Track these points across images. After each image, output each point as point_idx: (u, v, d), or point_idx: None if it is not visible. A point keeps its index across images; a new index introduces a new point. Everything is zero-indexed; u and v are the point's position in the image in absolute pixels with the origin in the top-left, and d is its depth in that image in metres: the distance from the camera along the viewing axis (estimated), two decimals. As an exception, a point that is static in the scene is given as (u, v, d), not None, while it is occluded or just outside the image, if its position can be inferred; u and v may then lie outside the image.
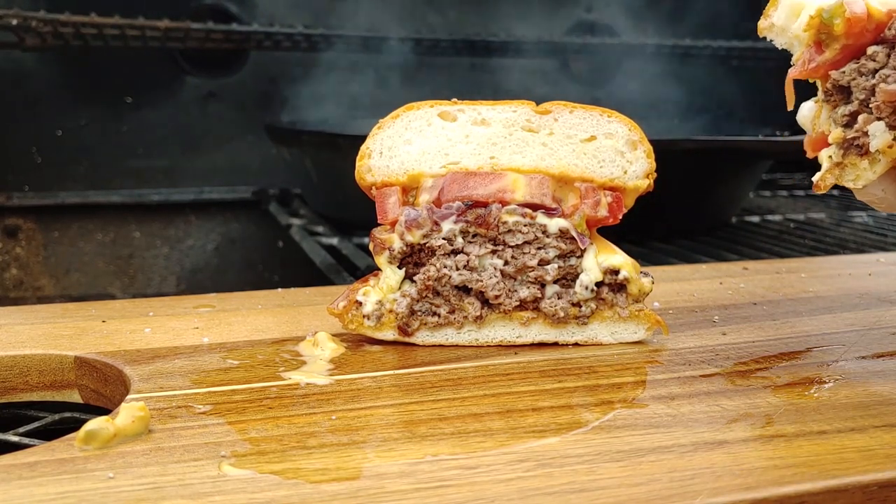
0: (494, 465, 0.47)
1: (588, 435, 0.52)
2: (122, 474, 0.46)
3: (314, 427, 0.53)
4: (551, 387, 0.60)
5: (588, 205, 0.68)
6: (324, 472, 0.46)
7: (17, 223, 1.72)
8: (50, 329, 0.72)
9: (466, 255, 0.67)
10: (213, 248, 1.86)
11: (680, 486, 0.45)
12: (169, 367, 0.63)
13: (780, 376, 0.62)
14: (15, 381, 0.66)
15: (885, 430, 0.52)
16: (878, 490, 0.46)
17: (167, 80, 1.78)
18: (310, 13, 1.81)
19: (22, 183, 1.71)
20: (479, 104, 0.69)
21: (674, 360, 0.66)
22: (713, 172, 1.35)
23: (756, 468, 0.47)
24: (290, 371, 0.63)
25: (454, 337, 0.69)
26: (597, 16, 2.06)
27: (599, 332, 0.70)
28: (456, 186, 0.68)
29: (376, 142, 0.69)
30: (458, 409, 0.56)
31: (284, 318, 0.76)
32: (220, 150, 1.83)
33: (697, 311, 0.80)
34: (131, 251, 1.80)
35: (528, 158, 0.68)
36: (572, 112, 0.69)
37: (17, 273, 1.73)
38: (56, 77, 1.70)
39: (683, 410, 0.56)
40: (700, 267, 1.01)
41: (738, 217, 1.59)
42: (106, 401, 0.65)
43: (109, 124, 1.75)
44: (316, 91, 1.82)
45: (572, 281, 0.69)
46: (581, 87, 2.10)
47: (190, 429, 0.52)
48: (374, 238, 0.69)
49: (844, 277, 0.94)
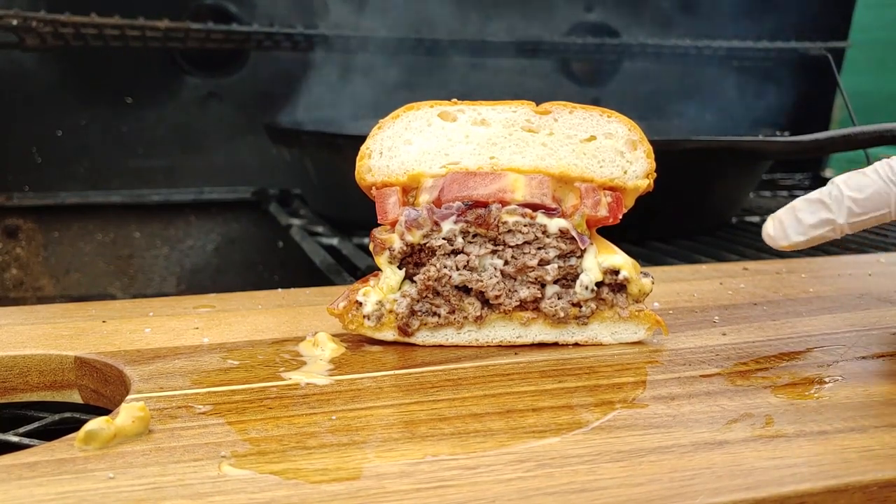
0: (494, 465, 0.47)
1: (588, 435, 0.52)
2: (122, 474, 0.46)
3: (314, 427, 0.53)
4: (551, 387, 0.60)
5: (588, 205, 0.68)
6: (324, 473, 0.46)
7: (17, 223, 1.72)
8: (50, 329, 0.72)
9: (466, 256, 0.67)
10: (213, 248, 1.86)
11: (680, 486, 0.45)
12: (169, 368, 0.63)
13: (780, 376, 0.63)
14: (15, 382, 0.66)
15: (885, 430, 0.52)
16: (878, 490, 0.46)
17: (167, 80, 1.78)
18: (310, 13, 1.81)
19: (22, 183, 1.71)
20: (479, 104, 0.69)
21: (674, 360, 0.66)
22: (713, 172, 1.35)
23: (756, 468, 0.47)
24: (290, 371, 0.63)
25: (454, 337, 0.69)
26: (597, 16, 2.06)
27: (599, 333, 0.70)
28: (456, 186, 0.68)
29: (376, 142, 0.69)
30: (458, 409, 0.56)
31: (284, 318, 0.76)
32: (220, 150, 1.83)
33: (697, 312, 0.80)
34: (131, 251, 1.80)
35: (528, 158, 0.68)
36: (572, 112, 0.69)
37: (17, 273, 1.73)
38: (56, 77, 1.70)
39: (683, 410, 0.56)
40: (700, 267, 1.01)
41: (739, 217, 1.59)
42: (106, 401, 0.65)
43: (109, 124, 1.75)
44: (316, 91, 1.82)
45: (572, 281, 0.69)
46: (581, 87, 2.10)
47: (190, 429, 0.52)
48: (374, 238, 0.69)
49: (844, 277, 0.94)
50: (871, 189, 0.64)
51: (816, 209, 0.66)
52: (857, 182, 0.64)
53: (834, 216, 0.65)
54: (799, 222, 0.66)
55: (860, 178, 0.65)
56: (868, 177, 0.64)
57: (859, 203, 0.64)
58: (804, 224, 0.66)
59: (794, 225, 0.66)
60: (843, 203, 0.64)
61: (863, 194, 0.64)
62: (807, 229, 0.66)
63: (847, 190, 0.64)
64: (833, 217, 0.65)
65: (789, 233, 0.67)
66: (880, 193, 0.64)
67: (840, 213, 0.65)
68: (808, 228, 0.66)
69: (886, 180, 0.63)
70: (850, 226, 0.65)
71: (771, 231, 0.68)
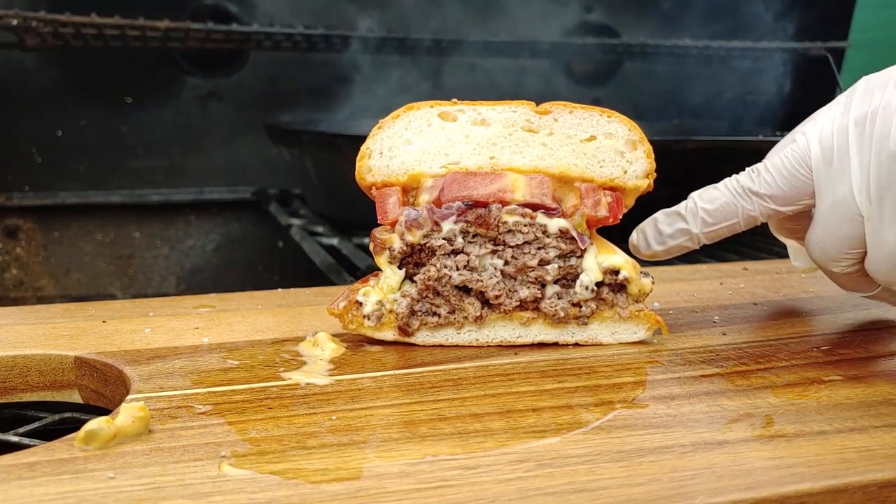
0: (495, 465, 0.47)
1: (588, 435, 0.52)
2: (122, 474, 0.46)
3: (314, 427, 0.53)
4: (551, 387, 0.60)
5: (588, 205, 0.68)
6: (324, 473, 0.46)
7: (17, 223, 1.72)
8: (50, 329, 0.72)
9: (466, 255, 0.67)
10: (213, 248, 1.86)
11: (680, 486, 0.45)
12: (169, 368, 0.63)
13: (780, 376, 0.63)
14: (15, 381, 0.66)
15: (885, 431, 0.52)
16: (878, 490, 0.46)
17: (167, 80, 1.78)
18: (310, 13, 1.81)
19: (22, 183, 1.71)
20: (479, 104, 0.69)
21: (674, 360, 0.66)
22: (713, 172, 1.34)
23: (756, 468, 0.47)
24: (291, 371, 0.63)
25: (454, 337, 0.69)
26: (597, 16, 2.06)
27: (599, 333, 0.70)
28: (456, 186, 0.68)
29: (376, 142, 0.69)
30: (459, 409, 0.56)
31: (284, 318, 0.76)
32: (220, 150, 1.83)
33: (697, 312, 0.80)
34: (131, 251, 1.80)
35: (528, 158, 0.68)
36: (572, 112, 0.69)
37: (17, 273, 1.73)
38: (56, 77, 1.70)
39: (683, 410, 0.56)
40: (700, 267, 1.01)
41: (739, 217, 1.58)
42: (106, 401, 0.65)
43: (109, 124, 1.75)
44: (316, 91, 1.82)
45: (572, 281, 0.69)
46: (581, 87, 2.10)
47: (190, 429, 0.52)
48: (374, 238, 0.69)
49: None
50: (720, 201, 0.69)
51: (673, 220, 0.71)
52: (710, 195, 0.70)
53: (689, 226, 0.70)
54: (659, 233, 0.72)
55: (712, 191, 0.70)
56: (718, 190, 0.70)
57: (711, 214, 0.70)
58: (663, 234, 0.72)
59: (654, 235, 0.72)
60: (698, 214, 0.70)
61: (713, 206, 0.70)
62: (665, 239, 0.72)
63: (700, 202, 0.70)
64: (688, 227, 0.70)
65: (651, 241, 0.72)
66: (729, 205, 0.69)
67: (694, 224, 0.70)
68: (667, 238, 0.71)
69: (734, 193, 0.69)
70: (705, 235, 0.70)
71: (634, 241, 0.74)
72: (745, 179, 0.69)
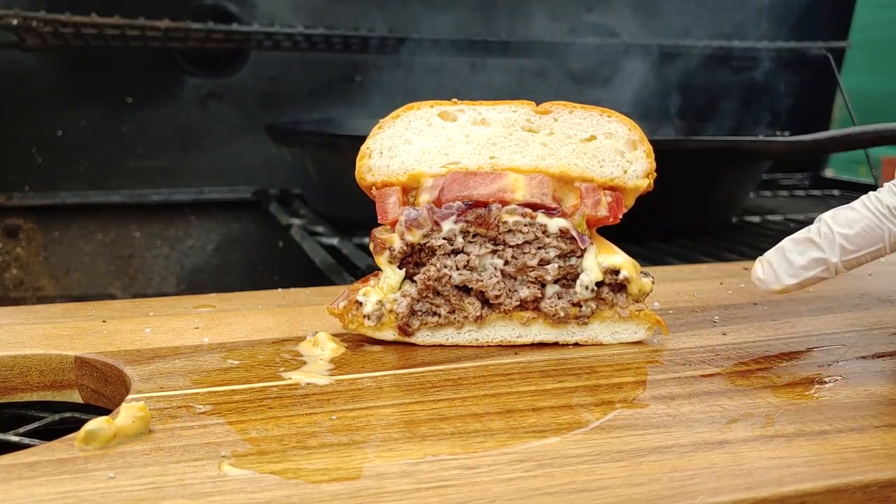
0: (495, 465, 0.47)
1: (588, 435, 0.52)
2: (122, 474, 0.46)
3: (314, 427, 0.53)
4: (551, 387, 0.60)
5: (588, 205, 0.68)
6: (324, 472, 0.46)
7: (17, 223, 1.72)
8: (50, 329, 0.72)
9: (467, 255, 0.67)
10: (213, 248, 1.86)
11: (680, 486, 0.45)
12: (169, 367, 0.63)
13: (780, 376, 0.62)
14: (15, 381, 0.66)
15: (885, 430, 0.52)
16: (878, 490, 0.46)
17: (167, 80, 1.78)
18: (310, 13, 1.81)
19: (22, 183, 1.71)
20: (479, 104, 0.69)
21: (674, 360, 0.66)
22: (713, 172, 1.35)
23: (756, 468, 0.47)
24: (291, 371, 0.63)
25: (454, 337, 0.69)
26: (597, 16, 2.06)
27: (599, 332, 0.70)
28: (456, 186, 0.68)
29: (376, 142, 0.69)
30: (459, 409, 0.56)
31: (284, 318, 0.76)
32: (220, 150, 1.83)
33: (698, 311, 0.80)
34: (131, 251, 1.80)
35: (528, 158, 0.68)
36: (572, 112, 0.69)
37: (17, 273, 1.73)
38: (56, 77, 1.70)
39: (683, 410, 0.56)
40: (700, 267, 1.01)
41: (739, 217, 1.58)
42: (106, 401, 0.65)
43: (109, 124, 1.75)
44: (316, 91, 1.82)
45: (572, 281, 0.69)
46: (581, 87, 2.10)
47: (190, 429, 0.52)
48: (374, 238, 0.69)
49: (845, 277, 0.93)
50: (861, 224, 0.61)
51: (805, 248, 0.62)
52: (846, 217, 0.61)
53: (826, 255, 0.61)
54: (790, 264, 0.63)
55: (848, 212, 0.61)
56: (857, 211, 0.61)
57: (851, 239, 0.61)
58: (795, 266, 0.63)
59: (784, 267, 0.63)
60: (835, 241, 0.61)
61: (853, 230, 0.61)
62: (798, 271, 0.63)
63: (836, 227, 0.61)
64: (825, 256, 0.61)
65: (781, 275, 0.63)
66: (872, 228, 0.60)
67: (832, 252, 0.61)
68: (800, 270, 0.62)
69: (877, 214, 0.60)
70: (845, 264, 0.62)
71: (761, 274, 0.64)
72: (888, 197, 0.59)
